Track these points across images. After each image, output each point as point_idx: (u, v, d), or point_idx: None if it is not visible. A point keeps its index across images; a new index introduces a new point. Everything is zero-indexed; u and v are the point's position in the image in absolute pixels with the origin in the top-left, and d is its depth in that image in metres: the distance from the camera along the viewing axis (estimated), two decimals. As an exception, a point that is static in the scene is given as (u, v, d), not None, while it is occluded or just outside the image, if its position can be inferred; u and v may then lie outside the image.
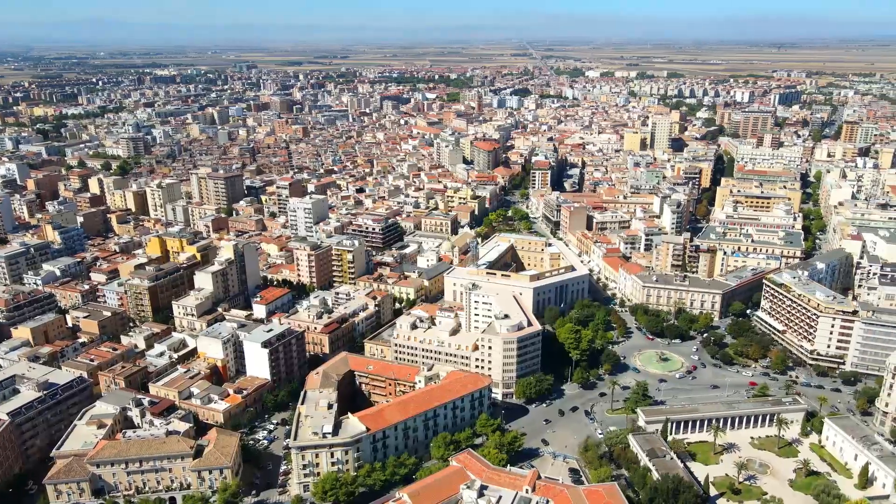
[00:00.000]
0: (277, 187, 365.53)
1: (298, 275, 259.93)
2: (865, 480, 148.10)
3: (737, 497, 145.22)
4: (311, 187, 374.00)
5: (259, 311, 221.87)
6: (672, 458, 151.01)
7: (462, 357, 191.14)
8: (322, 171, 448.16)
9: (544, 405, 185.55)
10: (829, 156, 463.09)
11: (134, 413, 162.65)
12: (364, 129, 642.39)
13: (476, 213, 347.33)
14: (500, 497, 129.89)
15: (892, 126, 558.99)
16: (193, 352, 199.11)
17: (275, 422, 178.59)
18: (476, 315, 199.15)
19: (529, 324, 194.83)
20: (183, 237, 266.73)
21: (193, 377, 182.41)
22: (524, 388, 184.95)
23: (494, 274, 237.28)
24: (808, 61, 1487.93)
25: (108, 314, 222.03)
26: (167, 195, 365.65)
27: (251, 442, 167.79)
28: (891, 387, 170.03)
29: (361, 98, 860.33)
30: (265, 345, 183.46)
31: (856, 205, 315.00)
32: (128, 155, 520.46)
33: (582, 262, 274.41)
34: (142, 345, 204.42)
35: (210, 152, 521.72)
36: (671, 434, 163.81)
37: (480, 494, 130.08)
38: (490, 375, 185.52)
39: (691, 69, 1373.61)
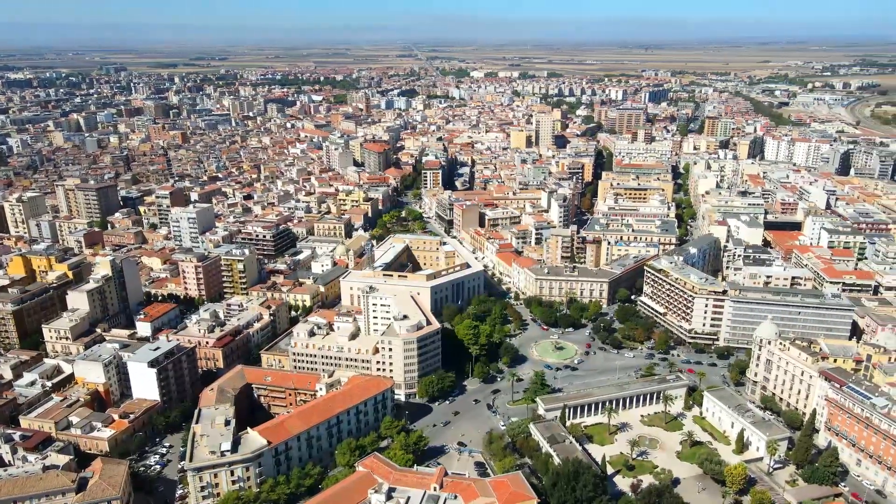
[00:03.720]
0: (157, 197, 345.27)
1: (185, 288, 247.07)
2: (742, 446, 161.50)
3: (631, 473, 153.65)
4: (194, 196, 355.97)
5: (143, 328, 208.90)
6: (571, 443, 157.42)
7: (363, 361, 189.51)
8: (205, 178, 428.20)
9: (447, 402, 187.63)
10: (694, 149, 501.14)
11: (4, 450, 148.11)
12: (248, 133, 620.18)
13: (369, 215, 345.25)
14: (409, 497, 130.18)
15: (746, 120, 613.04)
16: (70, 378, 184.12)
17: (167, 444, 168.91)
18: (375, 318, 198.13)
19: (428, 323, 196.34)
20: (51, 254, 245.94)
21: (72, 405, 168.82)
22: (427, 386, 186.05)
23: (391, 275, 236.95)
24: (673, 61, 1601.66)
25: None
26: (30, 210, 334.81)
27: (142, 468, 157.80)
28: (758, 358, 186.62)
29: (244, 101, 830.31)
30: (152, 364, 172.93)
31: (720, 193, 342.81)
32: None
33: (476, 258, 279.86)
34: (8, 375, 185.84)
35: (78, 162, 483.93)
36: (569, 419, 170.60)
37: (389, 497, 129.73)
38: (392, 377, 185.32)
39: (569, 69, 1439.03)
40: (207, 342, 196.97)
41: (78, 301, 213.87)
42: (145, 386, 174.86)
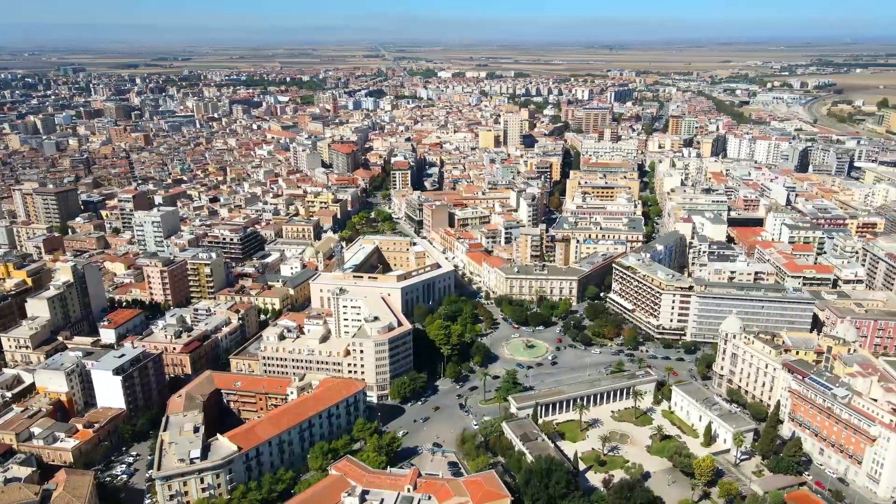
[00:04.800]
0: (119, 200, 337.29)
1: (151, 293, 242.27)
2: (709, 438, 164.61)
3: (603, 468, 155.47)
4: (158, 199, 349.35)
5: (107, 335, 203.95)
6: (543, 440, 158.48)
7: (334, 363, 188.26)
8: (170, 181, 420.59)
9: (420, 403, 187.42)
10: (659, 147, 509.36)
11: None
12: (214, 134, 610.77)
13: (338, 216, 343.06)
14: (383, 500, 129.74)
15: (709, 119, 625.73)
16: (31, 388, 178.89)
17: (134, 453, 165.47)
18: (345, 320, 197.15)
19: (399, 324, 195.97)
20: (9, 261, 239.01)
21: (33, 416, 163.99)
22: (399, 388, 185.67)
23: (361, 277, 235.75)
24: (637, 61, 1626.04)
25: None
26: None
27: (108, 479, 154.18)
28: (724, 352, 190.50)
29: (208, 102, 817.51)
30: (117, 372, 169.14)
31: (685, 191, 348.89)
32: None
33: (447, 258, 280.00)
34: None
35: (36, 165, 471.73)
36: (541, 417, 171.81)
37: (362, 500, 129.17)
38: (364, 379, 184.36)
39: (536, 69, 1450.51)
40: (174, 348, 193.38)
41: (38, 308, 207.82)
42: (110, 394, 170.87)
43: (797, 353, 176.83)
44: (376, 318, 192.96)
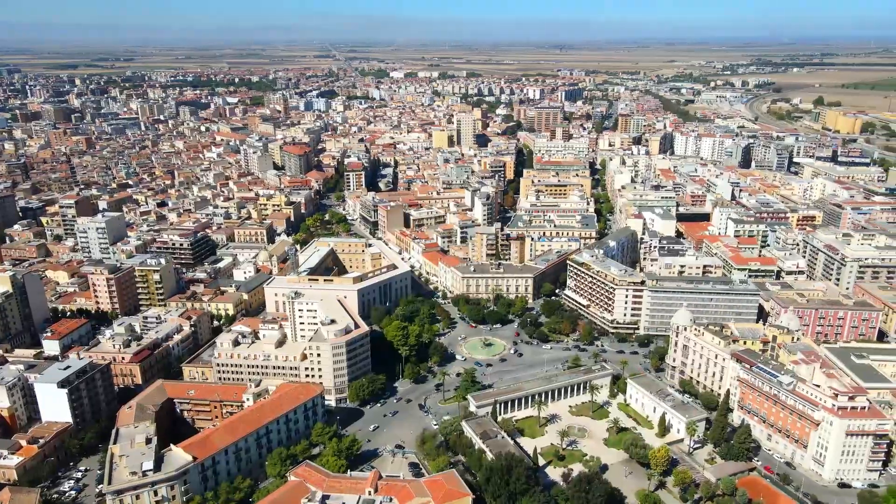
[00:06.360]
0: (61, 207, 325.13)
1: (97, 302, 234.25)
2: (664, 429, 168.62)
3: (562, 463, 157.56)
4: (102, 204, 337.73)
5: (51, 347, 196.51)
6: (503, 437, 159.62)
7: (291, 368, 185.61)
8: (114, 185, 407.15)
9: (379, 405, 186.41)
10: (610, 145, 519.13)
11: None
12: (160, 137, 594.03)
13: (292, 219, 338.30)
14: (343, 503, 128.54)
15: (656, 117, 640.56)
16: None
17: (82, 468, 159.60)
18: (301, 323, 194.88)
19: (357, 326, 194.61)
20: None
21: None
22: (357, 390, 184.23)
23: (317, 280, 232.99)
24: (586, 61, 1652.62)
25: None
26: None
27: (55, 496, 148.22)
28: (676, 344, 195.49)
29: (154, 104, 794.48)
30: (63, 384, 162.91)
31: (635, 188, 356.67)
32: None
33: (403, 259, 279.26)
34: None
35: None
36: (500, 414, 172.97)
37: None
38: (321, 383, 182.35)
39: (488, 69, 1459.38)
40: (123, 358, 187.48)
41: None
42: (55, 408, 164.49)
43: (745, 343, 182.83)
44: (333, 321, 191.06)
